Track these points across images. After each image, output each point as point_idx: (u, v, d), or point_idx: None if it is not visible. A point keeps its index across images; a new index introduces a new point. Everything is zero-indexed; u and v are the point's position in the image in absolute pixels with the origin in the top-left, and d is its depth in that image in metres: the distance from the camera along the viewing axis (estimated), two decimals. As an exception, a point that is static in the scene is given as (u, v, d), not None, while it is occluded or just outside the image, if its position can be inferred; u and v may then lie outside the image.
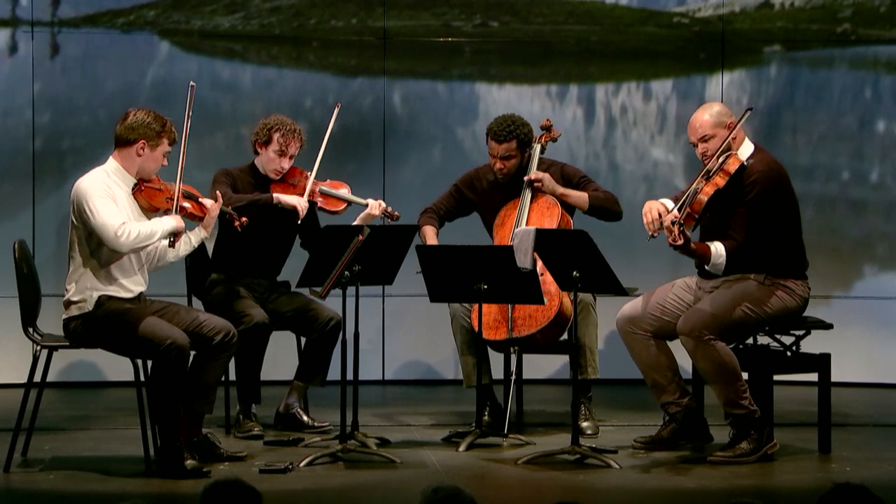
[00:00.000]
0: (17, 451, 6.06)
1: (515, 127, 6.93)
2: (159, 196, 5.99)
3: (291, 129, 6.80)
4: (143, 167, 5.95)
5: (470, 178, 7.15)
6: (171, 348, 5.77)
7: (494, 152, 6.94)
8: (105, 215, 5.81)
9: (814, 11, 8.68)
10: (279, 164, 6.80)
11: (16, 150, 8.21)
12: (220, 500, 3.51)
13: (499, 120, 6.99)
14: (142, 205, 5.98)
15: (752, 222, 6.15)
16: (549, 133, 7.02)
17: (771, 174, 6.22)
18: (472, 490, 3.58)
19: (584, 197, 6.88)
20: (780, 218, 6.21)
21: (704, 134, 6.25)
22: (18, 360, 7.68)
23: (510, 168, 6.95)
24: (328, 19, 8.55)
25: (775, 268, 6.21)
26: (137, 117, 5.95)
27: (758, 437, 6.12)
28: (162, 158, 5.98)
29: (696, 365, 6.23)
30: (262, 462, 6.03)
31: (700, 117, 6.31)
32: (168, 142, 5.97)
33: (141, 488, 5.65)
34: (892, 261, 8.61)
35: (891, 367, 8.35)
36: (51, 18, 8.27)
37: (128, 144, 5.94)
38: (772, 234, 6.19)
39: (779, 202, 6.22)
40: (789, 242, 6.26)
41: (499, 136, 6.92)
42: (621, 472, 5.97)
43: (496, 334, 6.68)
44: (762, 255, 6.18)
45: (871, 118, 8.59)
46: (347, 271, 6.09)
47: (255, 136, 6.86)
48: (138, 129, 5.93)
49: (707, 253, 6.14)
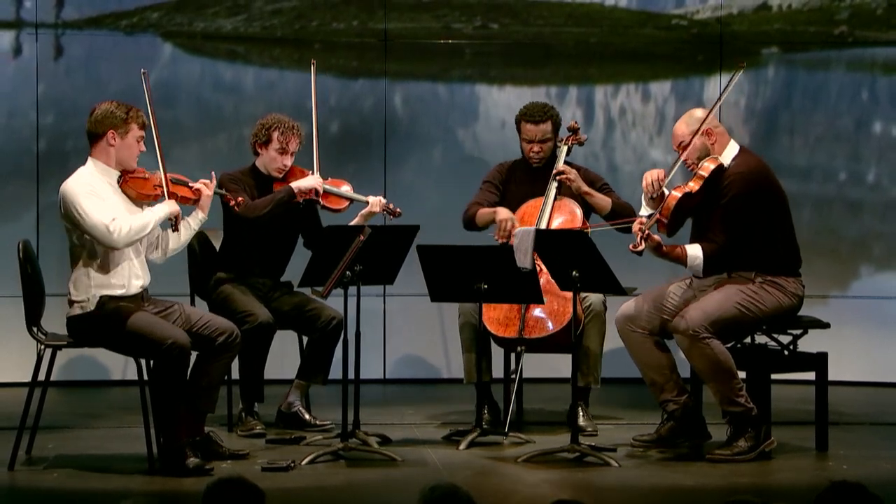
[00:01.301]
0: (22, 449, 6.05)
1: (549, 108, 7.03)
2: (146, 185, 5.99)
3: (290, 127, 6.83)
4: (119, 156, 5.95)
5: (496, 171, 7.18)
6: (172, 348, 5.78)
7: (531, 135, 6.97)
8: (95, 214, 5.82)
9: (811, 13, 8.68)
10: (281, 161, 6.83)
11: (20, 150, 8.22)
12: (222, 497, 3.51)
13: (530, 105, 7.07)
14: (130, 195, 5.98)
15: (730, 223, 6.17)
16: (575, 136, 7.04)
17: (749, 175, 6.22)
18: (473, 488, 3.61)
19: (609, 201, 6.90)
20: (762, 218, 6.21)
21: (682, 141, 6.30)
22: (22, 358, 7.56)
23: (546, 152, 6.99)
24: (329, 21, 8.57)
25: (766, 266, 6.22)
26: (102, 109, 5.97)
27: (755, 435, 6.13)
28: (136, 144, 5.96)
29: (692, 363, 6.24)
30: (265, 460, 6.04)
31: (678, 126, 6.37)
32: (137, 126, 5.96)
33: (144, 486, 5.66)
34: (889, 261, 8.60)
35: (887, 367, 8.35)
36: (55, 20, 8.27)
37: (99, 138, 5.95)
38: (755, 233, 6.20)
39: (759, 202, 6.22)
40: (777, 241, 6.26)
41: (535, 118, 6.97)
42: (620, 469, 5.98)
43: (506, 331, 6.67)
44: (750, 254, 6.20)
45: (868, 119, 8.59)
46: (349, 271, 6.10)
47: (254, 138, 6.88)
48: (104, 120, 5.94)
49: (682, 255, 6.18)
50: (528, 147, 7.01)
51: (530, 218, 6.89)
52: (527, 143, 7.02)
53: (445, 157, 8.55)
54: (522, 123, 7.03)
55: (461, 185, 7.91)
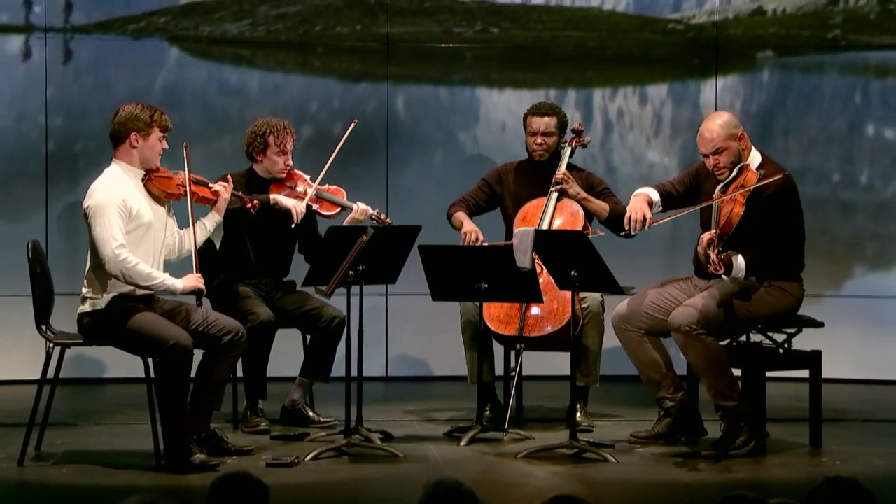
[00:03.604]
0: (31, 445, 6.06)
1: (556, 106, 7.09)
2: (170, 183, 6.01)
3: (282, 127, 6.82)
4: (143, 157, 5.97)
5: (498, 172, 7.19)
6: (174, 348, 5.80)
7: (535, 127, 6.99)
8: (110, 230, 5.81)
9: (805, 18, 8.67)
10: (283, 162, 6.82)
11: (29, 152, 8.23)
12: (228, 492, 3.50)
13: (537, 103, 7.12)
14: (154, 193, 6.00)
15: (770, 232, 6.15)
16: (579, 137, 7.05)
17: (787, 184, 6.20)
18: (473, 483, 3.61)
19: (605, 207, 6.91)
20: (788, 224, 6.23)
21: (717, 147, 6.21)
22: (32, 356, 7.61)
23: (550, 146, 7.00)
24: (333, 26, 8.56)
25: (772, 271, 6.22)
26: (126, 111, 5.99)
27: (749, 430, 6.15)
28: (158, 144, 5.99)
29: (687, 359, 6.26)
30: (269, 456, 6.05)
31: (711, 129, 6.23)
32: (159, 129, 5.98)
33: (151, 482, 5.68)
34: (882, 261, 8.60)
35: (880, 364, 8.35)
36: (64, 25, 8.27)
37: (122, 140, 5.97)
38: (779, 239, 6.20)
39: (792, 210, 6.24)
40: (790, 248, 6.27)
41: (541, 111, 7.01)
42: (618, 465, 5.99)
43: (506, 329, 6.69)
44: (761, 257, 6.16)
45: (861, 122, 8.58)
46: (352, 271, 6.14)
47: (248, 147, 6.87)
48: (127, 122, 5.96)
49: (729, 265, 6.04)
50: (532, 140, 7.02)
51: (533, 217, 6.90)
52: (531, 136, 7.03)
53: (446, 159, 8.57)
54: (528, 118, 7.05)
55: (462, 186, 7.87)
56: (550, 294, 6.55)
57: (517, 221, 6.93)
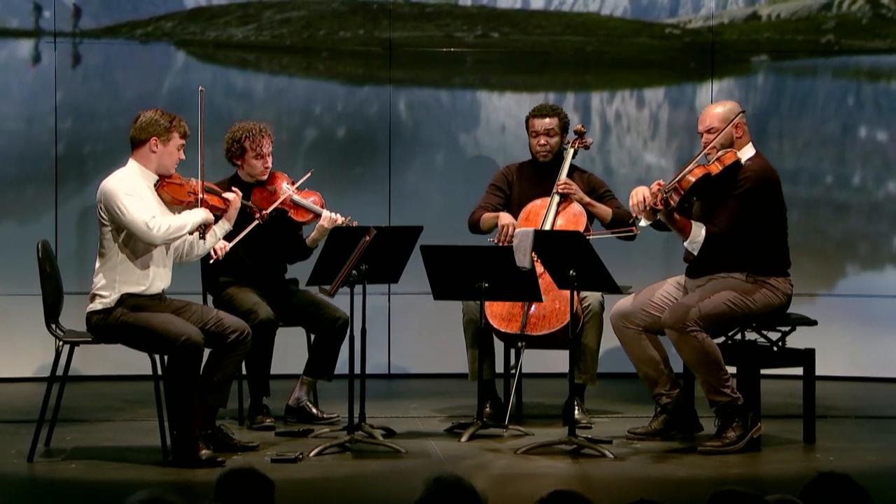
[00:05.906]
0: (41, 441, 6.10)
1: (558, 107, 7.13)
2: (181, 190, 6.06)
3: (258, 131, 6.80)
4: (160, 163, 6.03)
5: (503, 174, 7.21)
6: (186, 344, 5.85)
7: (538, 128, 7.03)
8: (134, 211, 5.88)
9: (799, 23, 8.70)
10: (262, 165, 6.82)
11: (39, 155, 8.26)
12: (233, 487, 3.51)
13: (539, 105, 7.16)
14: (165, 199, 6.06)
15: (735, 215, 6.21)
16: (581, 139, 7.07)
17: (764, 175, 6.28)
18: (474, 478, 3.64)
19: (609, 211, 6.96)
20: (764, 218, 6.27)
21: (711, 126, 6.32)
22: (42, 354, 7.75)
23: (553, 146, 7.04)
24: (336, 30, 8.58)
25: (758, 266, 6.28)
26: (147, 116, 6.05)
27: (742, 424, 6.18)
28: (177, 152, 6.05)
29: (681, 355, 6.29)
30: (274, 452, 6.08)
31: (711, 110, 6.41)
32: (179, 135, 6.05)
33: (158, 477, 5.72)
34: (874, 260, 8.62)
35: (872, 362, 8.37)
36: (72, 29, 8.31)
37: (142, 144, 6.02)
38: (754, 232, 6.25)
39: (765, 203, 6.28)
40: (772, 243, 6.32)
41: (542, 112, 7.05)
42: (615, 461, 6.02)
43: (508, 326, 6.71)
44: (745, 253, 6.25)
45: (854, 124, 8.61)
46: (355, 270, 6.18)
47: (227, 154, 6.87)
48: (148, 127, 6.02)
49: (687, 227, 6.19)
50: (535, 141, 7.06)
51: (535, 217, 6.93)
52: (534, 137, 7.07)
53: (448, 161, 8.59)
54: (530, 119, 7.09)
55: (463, 187, 7.99)
56: (553, 293, 6.58)
57: (520, 221, 6.96)
